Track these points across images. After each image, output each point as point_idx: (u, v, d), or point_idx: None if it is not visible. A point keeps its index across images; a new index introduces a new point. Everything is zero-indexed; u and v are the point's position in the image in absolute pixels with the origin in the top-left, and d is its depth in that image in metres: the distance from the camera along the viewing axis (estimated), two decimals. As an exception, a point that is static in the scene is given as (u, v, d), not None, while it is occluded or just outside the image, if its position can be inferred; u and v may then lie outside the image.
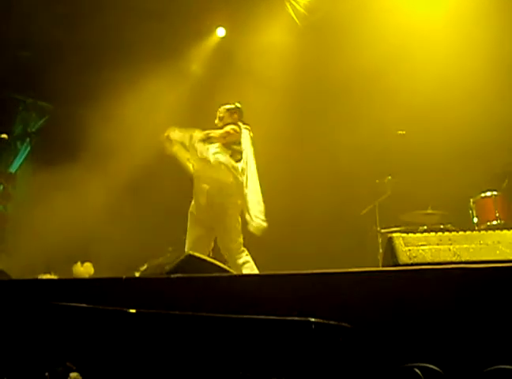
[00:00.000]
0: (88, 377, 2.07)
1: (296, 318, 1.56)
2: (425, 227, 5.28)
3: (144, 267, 4.32)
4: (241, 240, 4.16)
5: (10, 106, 7.06)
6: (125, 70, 6.09)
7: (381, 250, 5.43)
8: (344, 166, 6.05)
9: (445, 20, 5.79)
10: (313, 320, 1.53)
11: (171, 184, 5.67)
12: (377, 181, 5.67)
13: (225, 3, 6.46)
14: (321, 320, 1.57)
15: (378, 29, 5.87)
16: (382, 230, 5.50)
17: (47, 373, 2.10)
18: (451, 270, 1.95)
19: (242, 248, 4.13)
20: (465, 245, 2.22)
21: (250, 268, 4.03)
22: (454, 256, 2.18)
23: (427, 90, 5.73)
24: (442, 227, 5.22)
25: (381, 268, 2.56)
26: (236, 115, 4.51)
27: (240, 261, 4.03)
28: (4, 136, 3.93)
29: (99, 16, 6.14)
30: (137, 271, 4.28)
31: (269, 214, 4.37)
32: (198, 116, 5.91)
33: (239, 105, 4.58)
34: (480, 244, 2.21)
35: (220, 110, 4.53)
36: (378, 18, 5.93)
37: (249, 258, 4.09)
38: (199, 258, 2.94)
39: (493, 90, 5.48)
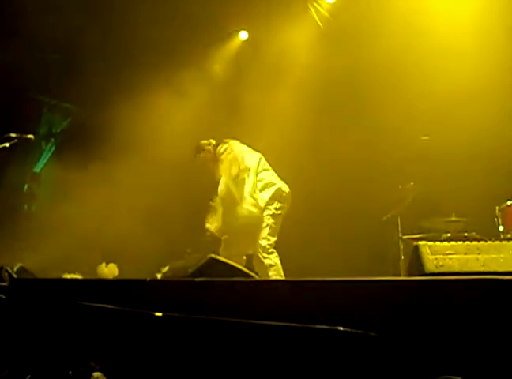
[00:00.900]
0: (111, 377, 2.09)
1: (324, 327, 1.55)
2: (449, 235, 5.18)
3: (166, 268, 4.33)
4: (274, 240, 4.07)
5: (36, 107, 7.18)
6: (149, 72, 6.15)
7: (403, 257, 5.37)
8: (367, 171, 5.99)
9: (469, 25, 5.69)
10: (341, 329, 1.52)
11: (194, 185, 5.67)
12: (399, 187, 5.61)
13: (249, 7, 6.48)
14: (349, 329, 1.55)
15: (401, 35, 5.80)
16: (404, 237, 5.43)
17: (70, 372, 2.13)
18: (479, 281, 1.92)
19: (273, 249, 4.04)
20: (494, 255, 2.18)
21: (276, 271, 3.95)
22: (483, 266, 2.15)
23: (451, 95, 5.65)
24: (466, 234, 5.12)
25: (407, 278, 2.53)
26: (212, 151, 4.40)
27: (268, 262, 3.96)
28: (30, 136, 4.00)
29: (124, 20, 6.21)
30: (159, 272, 4.30)
31: (291, 218, 4.37)
32: (222, 116, 5.98)
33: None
34: (510, 254, 2.17)
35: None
36: (402, 23, 5.85)
37: (277, 261, 4.01)
38: (221, 261, 2.95)
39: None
